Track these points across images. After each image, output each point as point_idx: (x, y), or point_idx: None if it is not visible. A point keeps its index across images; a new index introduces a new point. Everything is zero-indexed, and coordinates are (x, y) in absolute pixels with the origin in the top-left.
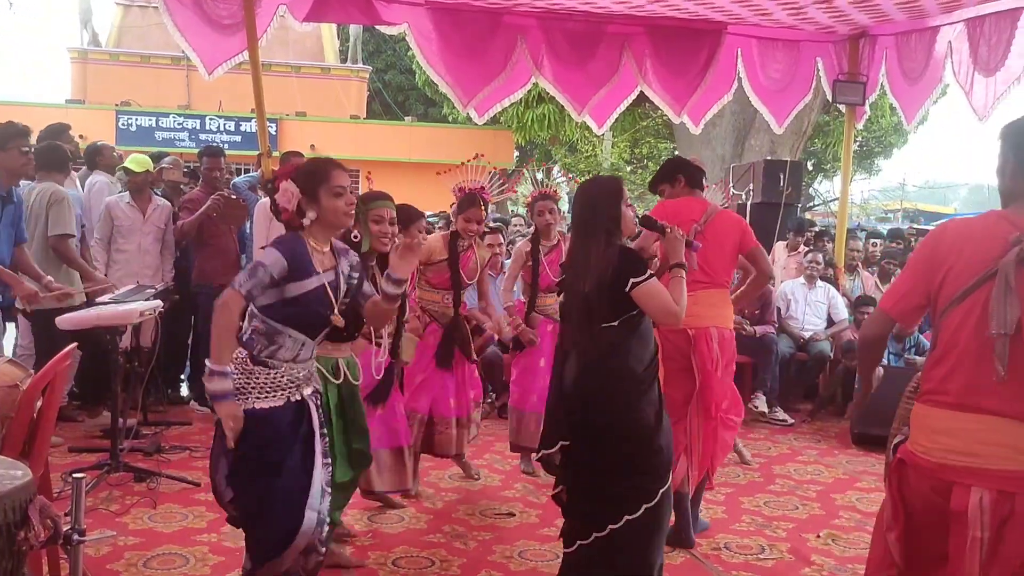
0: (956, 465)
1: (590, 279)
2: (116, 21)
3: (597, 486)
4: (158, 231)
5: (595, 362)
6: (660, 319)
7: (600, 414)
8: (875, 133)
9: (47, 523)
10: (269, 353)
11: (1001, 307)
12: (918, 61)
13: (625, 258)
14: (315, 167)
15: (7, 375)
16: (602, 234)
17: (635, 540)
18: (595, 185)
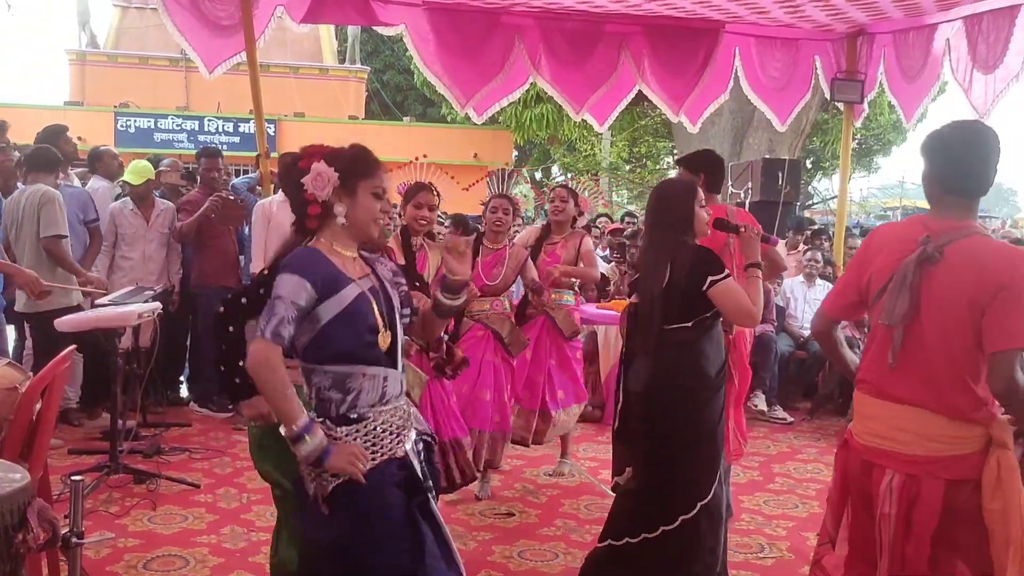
0: (875, 447)
1: (664, 279)
2: (114, 23)
3: (660, 483)
4: (163, 236)
5: (666, 362)
6: (737, 319)
7: (669, 415)
8: (874, 131)
9: (46, 525)
10: (349, 406)
11: (892, 300)
12: (916, 59)
13: (701, 257)
14: (360, 156)
15: (6, 378)
16: (676, 234)
17: (692, 538)
18: (669, 185)
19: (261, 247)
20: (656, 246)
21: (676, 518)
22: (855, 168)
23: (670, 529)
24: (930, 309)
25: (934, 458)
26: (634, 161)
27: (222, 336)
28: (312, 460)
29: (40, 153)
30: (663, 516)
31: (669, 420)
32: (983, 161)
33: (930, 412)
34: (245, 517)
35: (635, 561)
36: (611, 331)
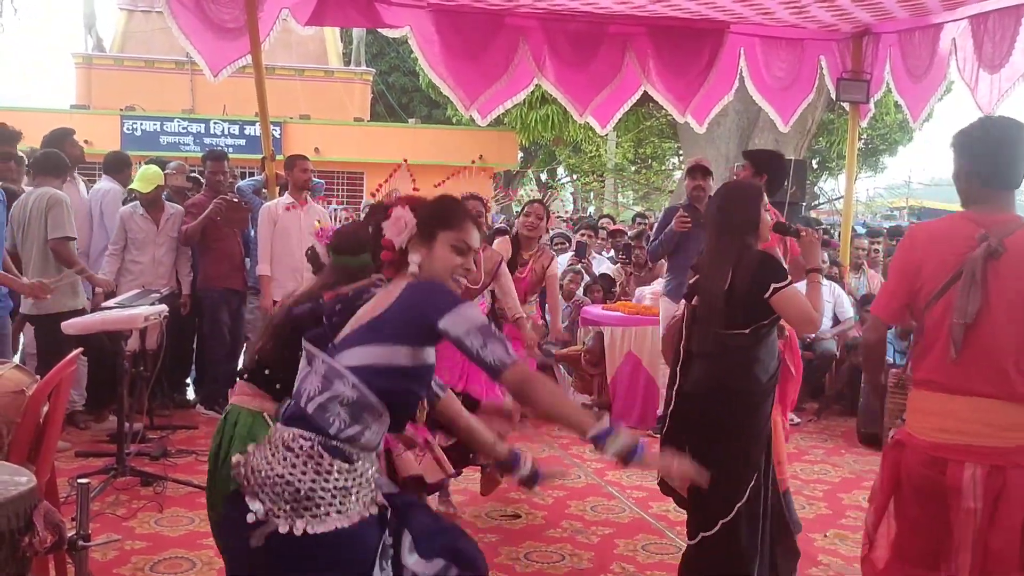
0: (949, 443)
1: (725, 283)
2: (120, 26)
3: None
4: (172, 240)
5: (722, 366)
6: (798, 325)
7: (720, 417)
8: (880, 131)
9: (52, 528)
10: (349, 437)
11: (964, 299)
12: (922, 59)
13: (765, 263)
14: (448, 206)
15: (13, 381)
16: (740, 238)
17: (735, 537)
18: (735, 188)
19: (267, 249)
20: (720, 250)
21: (716, 523)
22: (861, 168)
23: (709, 535)
24: (999, 302)
25: (1016, 448)
26: (639, 162)
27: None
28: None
29: (48, 157)
30: (704, 521)
31: (719, 422)
32: (1020, 153)
33: (1005, 403)
34: None
35: (688, 565)
36: (616, 332)
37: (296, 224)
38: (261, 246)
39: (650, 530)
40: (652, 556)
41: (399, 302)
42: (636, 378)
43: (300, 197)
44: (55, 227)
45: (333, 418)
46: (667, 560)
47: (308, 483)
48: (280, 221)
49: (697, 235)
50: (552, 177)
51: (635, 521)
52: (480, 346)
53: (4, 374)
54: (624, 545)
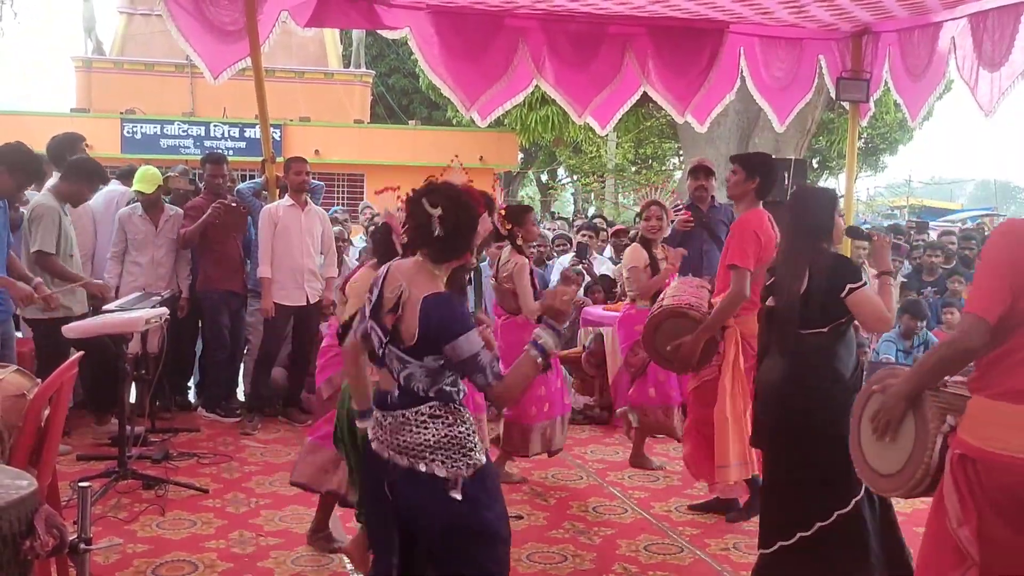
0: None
1: (802, 284)
2: (120, 29)
3: (792, 487)
4: (172, 242)
5: (802, 365)
6: (872, 325)
7: (804, 417)
8: (880, 130)
9: (53, 532)
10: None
11: None
12: (921, 57)
13: (841, 264)
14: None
15: (14, 385)
16: (816, 241)
17: (827, 547)
18: (811, 194)
19: (268, 252)
20: (796, 251)
21: (812, 524)
22: (861, 167)
23: (807, 535)
24: None
25: None
26: (640, 162)
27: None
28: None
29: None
30: (800, 522)
31: (804, 422)
32: None
33: None
34: (253, 522)
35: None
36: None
37: (296, 226)
38: (262, 248)
39: (652, 531)
40: (654, 556)
41: (422, 318)
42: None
43: (299, 199)
44: (34, 241)
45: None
46: (669, 560)
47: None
48: (281, 223)
49: (700, 234)
50: (552, 178)
51: (637, 522)
52: (471, 372)
53: (5, 378)
54: (626, 546)
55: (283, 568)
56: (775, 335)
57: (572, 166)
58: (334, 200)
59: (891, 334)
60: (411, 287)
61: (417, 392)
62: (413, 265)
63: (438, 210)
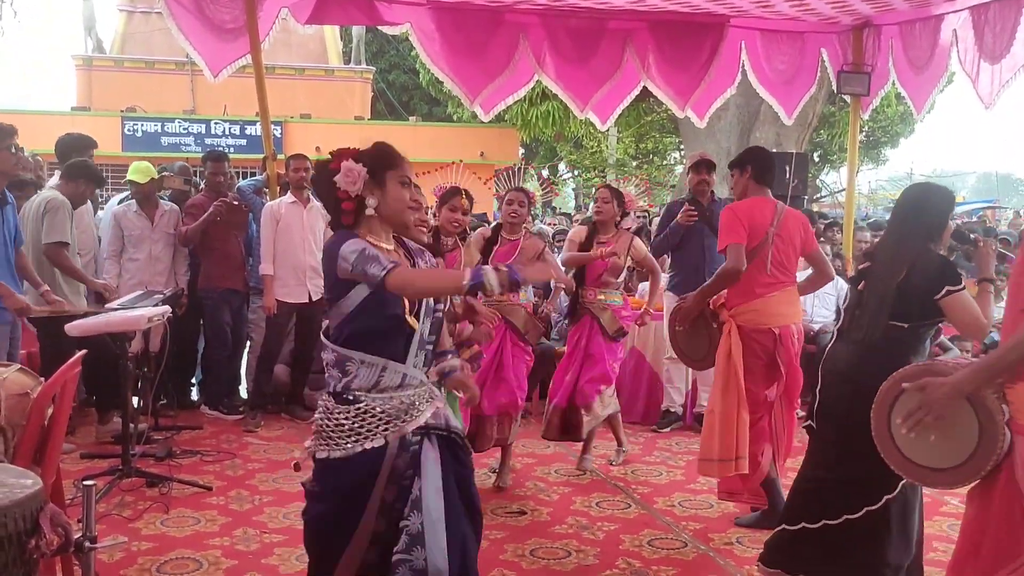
0: None
1: (898, 278)
2: (120, 28)
3: (835, 473)
4: (168, 237)
5: (878, 355)
6: (966, 330)
7: (864, 406)
8: (881, 123)
9: (58, 530)
10: (344, 386)
11: None
12: (924, 50)
13: (945, 266)
14: (384, 150)
15: (18, 383)
16: (924, 240)
17: (847, 540)
18: (930, 191)
19: (270, 249)
20: (900, 245)
21: (861, 508)
22: (863, 160)
23: (855, 518)
24: None
25: None
26: (641, 157)
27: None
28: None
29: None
30: (848, 506)
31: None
32: None
33: None
34: (257, 519)
35: (813, 545)
36: None
37: (298, 223)
38: (264, 246)
39: (656, 526)
40: (658, 551)
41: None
42: (640, 373)
43: (301, 196)
44: (49, 231)
45: (330, 379)
46: (673, 555)
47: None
48: (283, 220)
49: (701, 229)
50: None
51: (640, 517)
52: (362, 271)
53: (8, 377)
54: (630, 541)
55: (287, 565)
56: (857, 320)
57: (573, 161)
58: None
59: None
60: None
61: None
62: None
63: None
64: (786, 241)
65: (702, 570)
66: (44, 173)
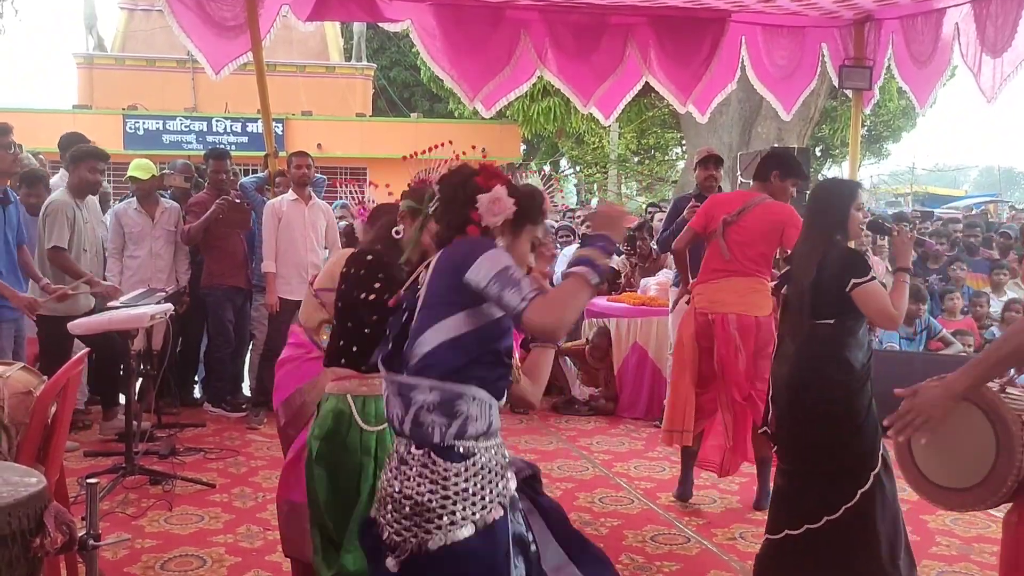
0: None
1: (812, 275)
2: (121, 26)
3: (801, 478)
4: (169, 234)
5: (812, 355)
6: (878, 321)
7: (812, 405)
8: (883, 117)
9: (63, 529)
10: (455, 435)
11: None
12: (926, 44)
13: (849, 259)
14: (538, 201)
15: (21, 382)
16: (829, 233)
17: (834, 541)
18: (830, 185)
19: (272, 246)
20: (809, 243)
21: (820, 517)
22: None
23: (814, 528)
24: None
25: None
26: (642, 153)
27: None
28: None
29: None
30: (825, 507)
31: (815, 411)
32: None
33: None
34: (261, 516)
35: (801, 553)
36: (623, 324)
37: (300, 220)
38: (266, 243)
39: (659, 521)
40: (661, 547)
41: (436, 271)
42: (642, 369)
43: (303, 194)
44: (47, 236)
45: (430, 427)
46: (676, 551)
47: (426, 494)
48: (285, 218)
49: None
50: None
51: (644, 512)
52: (497, 295)
53: (12, 375)
54: (633, 536)
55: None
56: (787, 324)
57: (574, 157)
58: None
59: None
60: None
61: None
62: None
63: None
64: (743, 234)
65: (705, 565)
66: (47, 171)
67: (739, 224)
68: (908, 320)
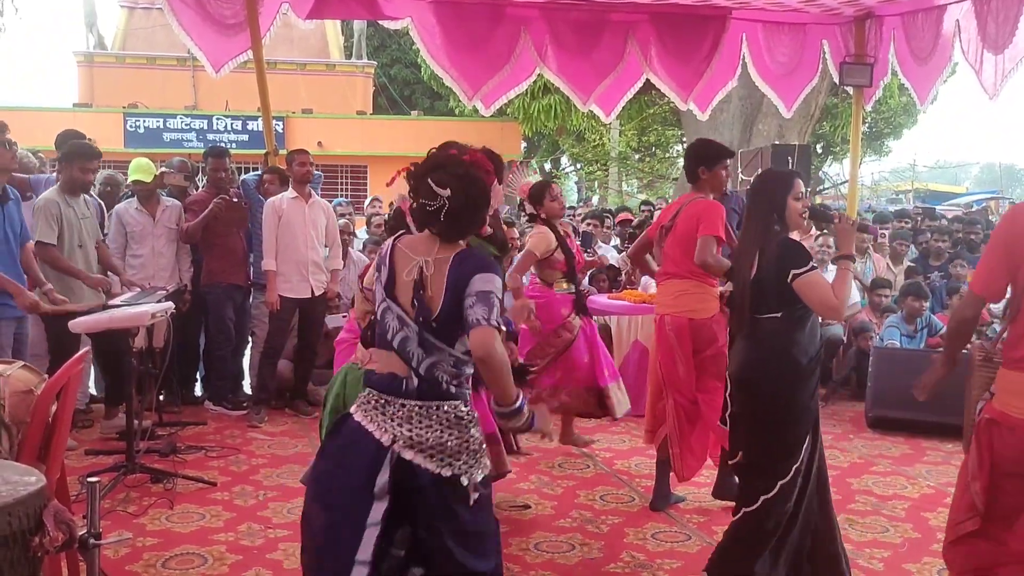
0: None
1: (752, 269)
2: (121, 24)
3: (756, 460)
4: (170, 232)
5: (759, 349)
6: (820, 311)
7: (763, 398)
8: (884, 114)
9: (63, 527)
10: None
11: None
12: (927, 41)
13: (787, 249)
14: (498, 159)
15: (22, 380)
16: (766, 224)
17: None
18: (766, 176)
19: (272, 244)
20: (748, 237)
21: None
22: (866, 152)
23: (751, 510)
24: None
25: None
26: (643, 150)
27: None
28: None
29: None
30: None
31: (764, 403)
32: None
33: None
34: (262, 514)
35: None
36: (623, 321)
37: (300, 219)
38: (266, 241)
39: (660, 519)
40: (662, 544)
41: (449, 288)
42: (643, 366)
43: (303, 192)
44: (34, 231)
45: (458, 387)
46: (677, 548)
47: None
48: (285, 216)
49: None
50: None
51: (645, 510)
52: (471, 305)
53: (12, 374)
54: (634, 534)
55: (292, 560)
56: (734, 320)
57: (575, 155)
58: (337, 191)
59: (895, 318)
60: (433, 259)
61: (441, 385)
62: (427, 239)
63: (447, 191)
64: (675, 236)
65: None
66: (47, 169)
67: (673, 228)
68: (910, 318)
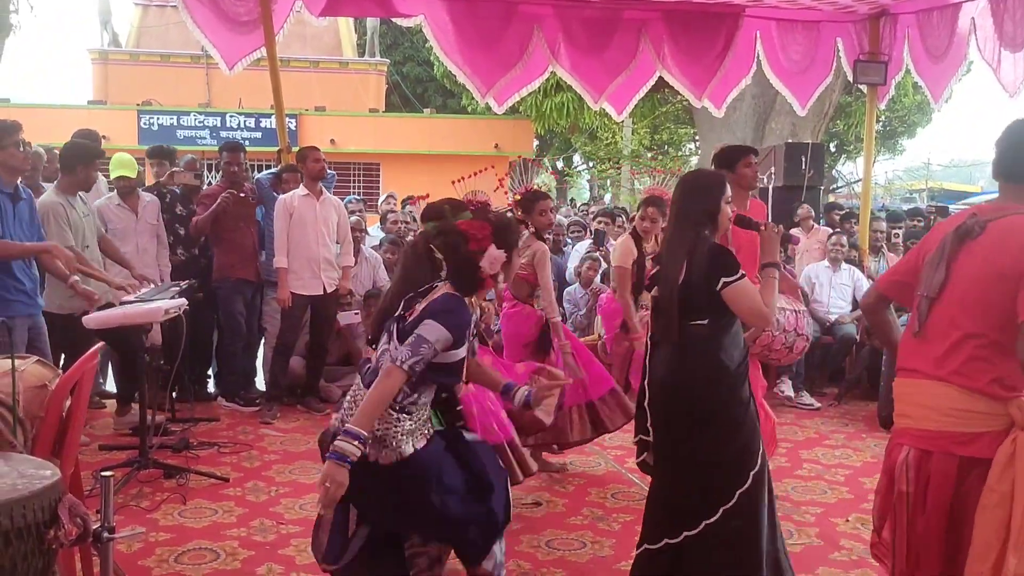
0: (898, 426)
1: (680, 275)
2: (135, 22)
3: (681, 483)
4: (151, 228)
5: (686, 356)
6: (749, 320)
7: (689, 407)
8: (898, 113)
9: (77, 521)
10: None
11: (931, 272)
12: (941, 39)
13: (715, 257)
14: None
15: (36, 375)
16: (696, 228)
17: (735, 531)
18: (695, 178)
19: (284, 241)
20: (676, 240)
21: (716, 510)
22: (880, 150)
23: (712, 522)
24: (960, 280)
25: (942, 432)
26: (656, 148)
27: None
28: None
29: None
30: (704, 511)
31: (692, 413)
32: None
33: (948, 385)
34: (274, 510)
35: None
36: None
37: (312, 216)
38: (277, 238)
39: None
40: None
41: (423, 312)
42: None
43: (315, 189)
44: (49, 238)
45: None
46: None
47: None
48: (296, 212)
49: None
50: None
51: None
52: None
53: (27, 369)
54: None
55: (304, 555)
56: (659, 325)
57: (588, 153)
58: (350, 189)
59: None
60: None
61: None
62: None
63: (439, 255)
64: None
65: None
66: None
67: None
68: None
